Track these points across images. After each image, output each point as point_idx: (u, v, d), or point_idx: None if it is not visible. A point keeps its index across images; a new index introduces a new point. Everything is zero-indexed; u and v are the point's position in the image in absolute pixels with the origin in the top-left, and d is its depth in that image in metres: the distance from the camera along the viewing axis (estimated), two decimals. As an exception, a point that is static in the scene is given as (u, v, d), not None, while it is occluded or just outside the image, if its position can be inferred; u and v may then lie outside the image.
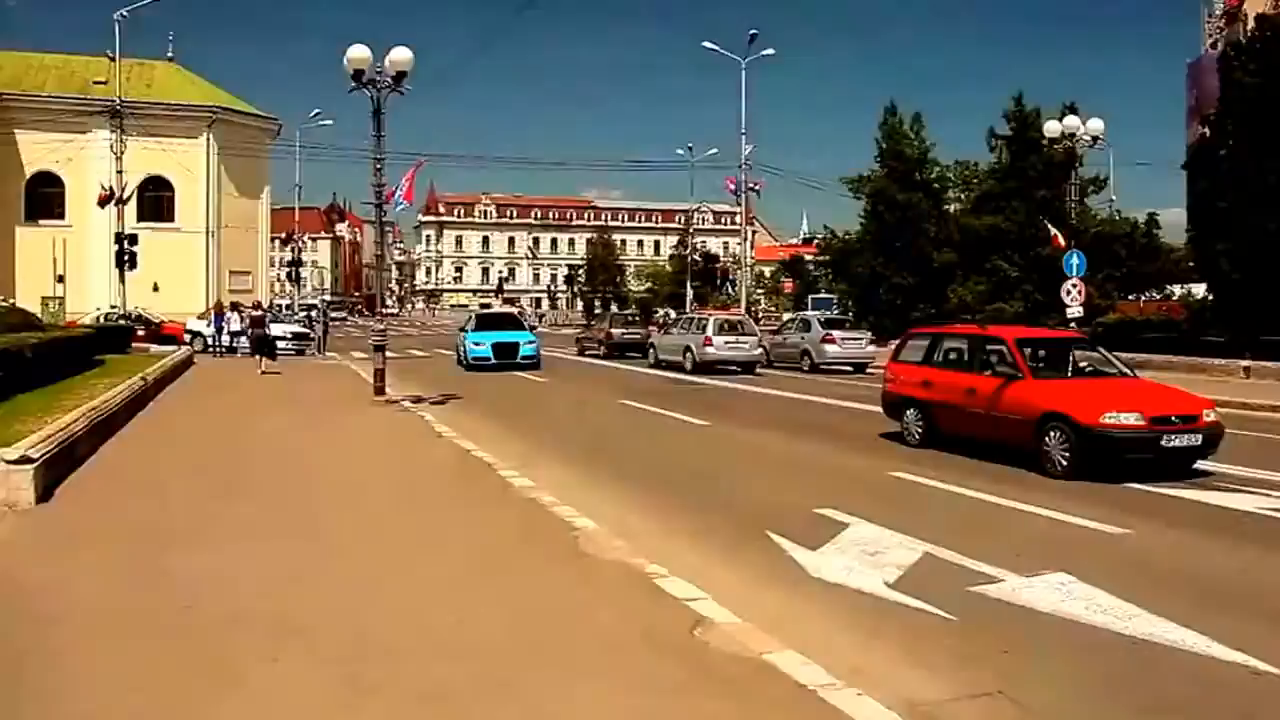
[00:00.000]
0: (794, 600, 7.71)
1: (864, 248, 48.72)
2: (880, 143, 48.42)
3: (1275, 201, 29.96)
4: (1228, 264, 31.53)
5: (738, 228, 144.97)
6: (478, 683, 5.74)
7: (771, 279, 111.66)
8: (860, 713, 5.27)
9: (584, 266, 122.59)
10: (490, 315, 40.43)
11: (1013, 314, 39.52)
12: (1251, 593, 8.02)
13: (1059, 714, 5.68)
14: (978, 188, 47.41)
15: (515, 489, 11.58)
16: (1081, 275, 28.09)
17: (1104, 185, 44.75)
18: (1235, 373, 27.91)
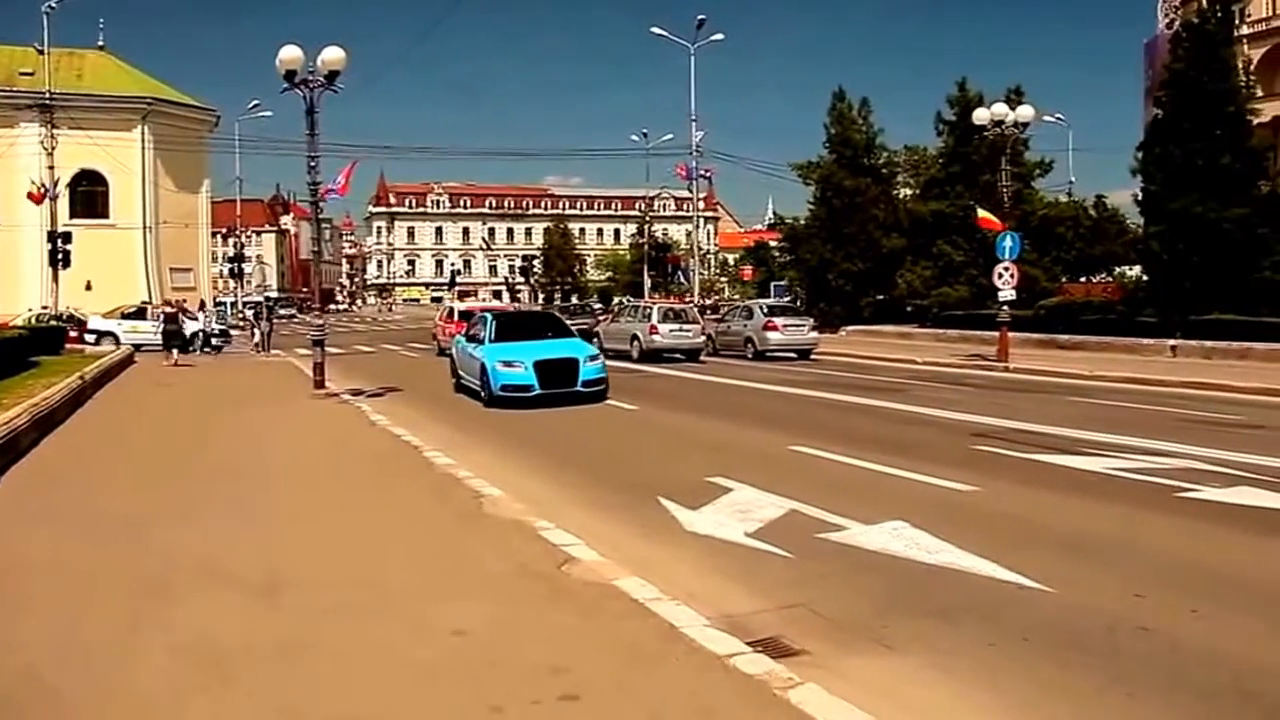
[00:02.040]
0: (660, 547, 9.38)
1: (814, 234, 50.51)
2: (829, 128, 50.25)
3: (1201, 185, 32.03)
4: (1158, 245, 33.59)
5: (700, 214, 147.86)
6: (373, 602, 7.38)
7: (736, 266, 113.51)
8: (676, 618, 6.90)
9: (540, 256, 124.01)
10: (518, 318, 27.09)
11: (958, 298, 41.46)
12: (1058, 533, 9.72)
13: (844, 616, 7.33)
14: (926, 173, 49.36)
15: (437, 467, 13.22)
16: (1015, 258, 29.91)
17: (1050, 168, 46.76)
18: (1163, 352, 29.96)
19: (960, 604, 7.59)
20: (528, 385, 20.28)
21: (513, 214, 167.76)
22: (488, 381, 20.63)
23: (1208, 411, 18.49)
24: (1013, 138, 32.49)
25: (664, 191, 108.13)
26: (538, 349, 21.18)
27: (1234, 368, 25.99)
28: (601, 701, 5.59)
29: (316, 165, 23.64)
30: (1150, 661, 6.36)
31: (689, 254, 73.13)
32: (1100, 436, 15.20)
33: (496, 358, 20.74)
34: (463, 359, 23.29)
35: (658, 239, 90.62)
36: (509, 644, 6.50)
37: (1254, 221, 32.22)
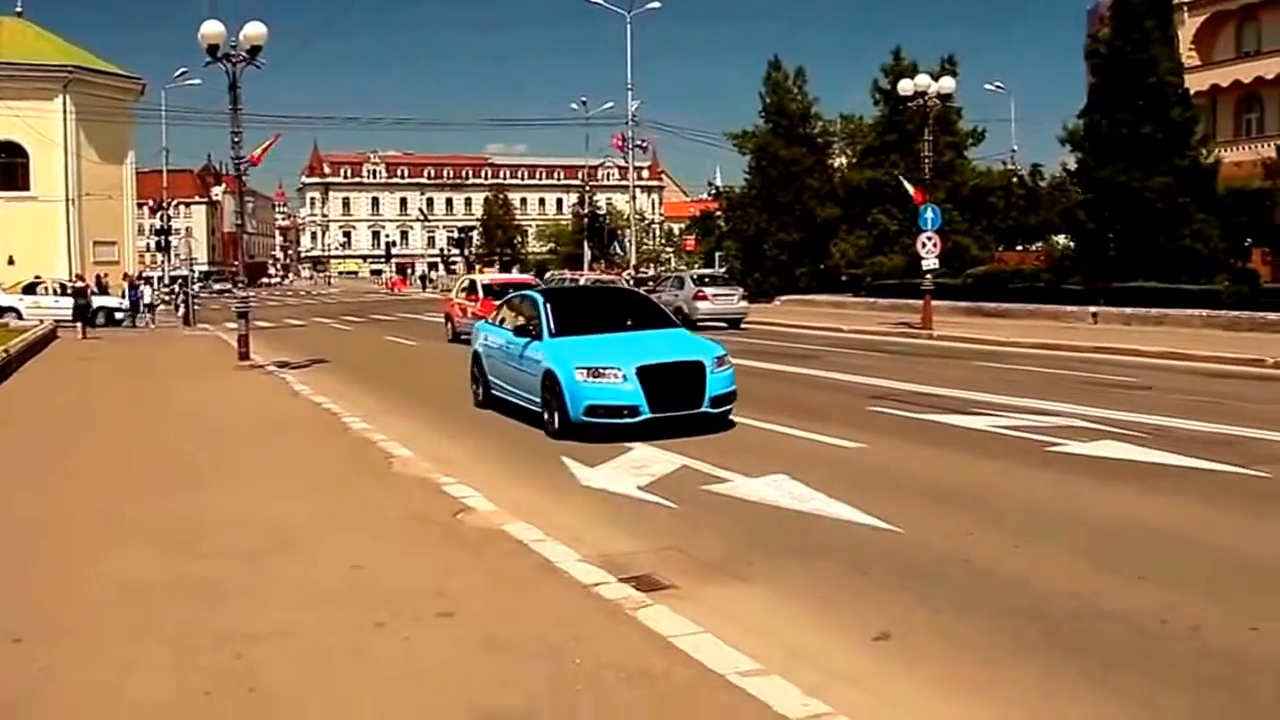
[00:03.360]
0: (554, 499, 10.38)
1: (749, 203, 51.57)
2: (764, 98, 51.27)
3: (1126, 155, 33.36)
4: (1085, 214, 34.97)
5: (645, 183, 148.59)
6: (282, 546, 8.33)
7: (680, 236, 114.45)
8: (555, 555, 7.87)
9: (479, 227, 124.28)
10: (584, 297, 22.44)
11: (892, 267, 42.68)
12: (926, 484, 10.80)
13: (711, 556, 8.33)
14: (863, 141, 50.54)
15: (354, 431, 14.19)
16: (937, 229, 31.13)
17: (983, 137, 48.13)
18: (1085, 319, 31.30)
19: (817, 544, 8.61)
20: (630, 406, 13.37)
21: (452, 184, 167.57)
22: (561, 400, 13.65)
23: (1108, 374, 19.67)
24: (935, 109, 33.60)
25: (607, 161, 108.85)
26: (634, 347, 14.28)
27: (1150, 333, 27.28)
28: (473, 616, 6.58)
29: (240, 140, 24.40)
30: (963, 586, 7.40)
31: (627, 224, 74.02)
32: (995, 398, 16.34)
33: (575, 361, 13.68)
34: (502, 361, 15.99)
35: (598, 209, 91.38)
36: (399, 576, 7.48)
37: (1176, 191, 33.53)
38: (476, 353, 17.23)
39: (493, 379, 16.48)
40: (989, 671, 5.97)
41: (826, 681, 5.54)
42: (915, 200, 32.65)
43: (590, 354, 13.87)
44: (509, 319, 16.52)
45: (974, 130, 47.51)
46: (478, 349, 17.21)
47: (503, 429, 14.98)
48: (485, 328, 17.38)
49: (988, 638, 6.48)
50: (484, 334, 17.20)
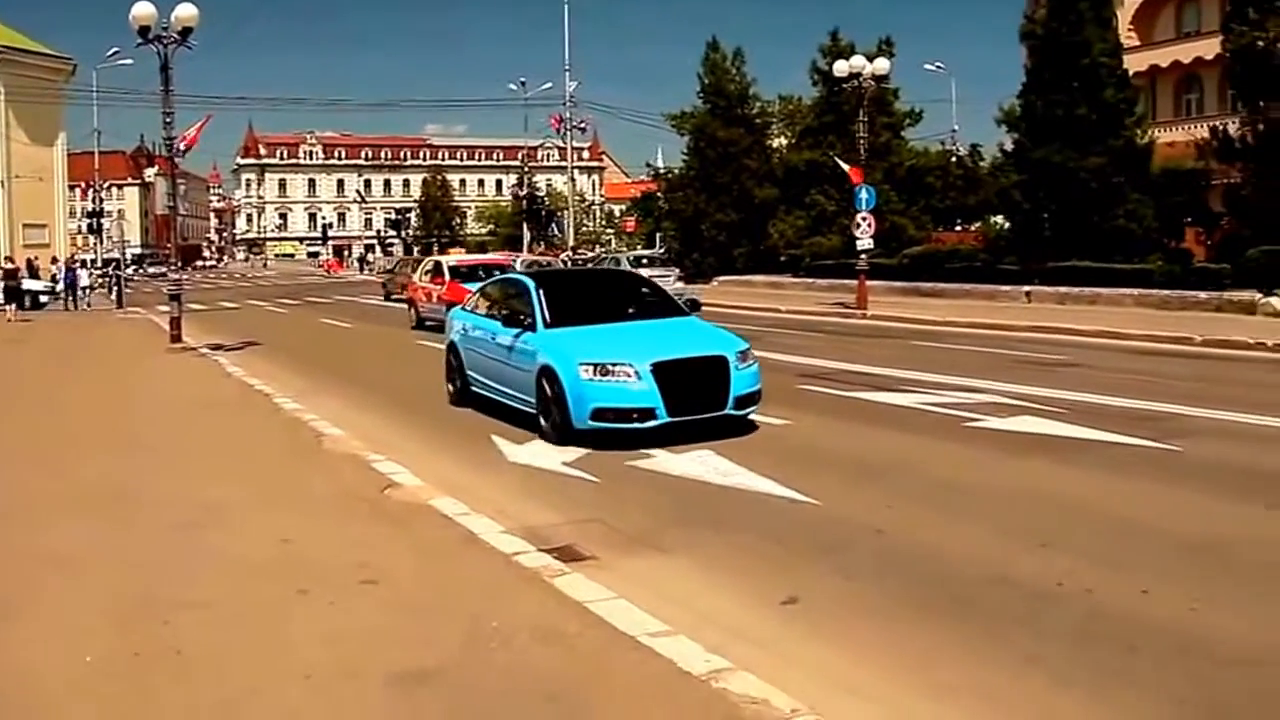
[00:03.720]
0: (481, 475, 10.67)
1: (688, 184, 51.88)
2: (703, 78, 51.52)
3: (1061, 136, 33.95)
4: (1020, 195, 35.55)
5: (585, 164, 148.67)
6: (213, 521, 8.56)
7: (621, 218, 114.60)
8: (477, 527, 8.14)
9: (416, 209, 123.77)
10: (579, 280, 18.82)
11: (830, 247, 43.11)
12: (848, 458, 11.18)
13: (632, 528, 8.63)
14: (801, 122, 50.97)
15: (285, 411, 14.38)
16: (871, 209, 31.57)
17: (920, 118, 48.67)
18: (1020, 298, 31.89)
19: (737, 517, 8.93)
20: (645, 409, 11.66)
21: (390, 165, 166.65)
22: (562, 402, 11.88)
23: (1038, 353, 20.12)
24: (870, 90, 34.02)
25: (547, 142, 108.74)
26: (645, 339, 12.57)
27: (1082, 312, 27.81)
28: (395, 584, 6.85)
29: (172, 121, 24.37)
30: (874, 555, 7.76)
31: (566, 206, 74.19)
32: (923, 376, 16.73)
33: (578, 357, 11.93)
34: (485, 354, 14.29)
35: (537, 191, 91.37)
36: (325, 549, 7.73)
37: (1110, 171, 34.12)
38: (452, 344, 15.47)
39: (472, 374, 14.73)
40: (889, 632, 6.31)
41: (731, 642, 5.84)
42: (851, 180, 33.06)
43: (595, 348, 12.07)
44: (491, 306, 14.65)
45: (911, 111, 48.09)
46: (454, 340, 15.44)
47: (435, 408, 15.17)
48: (463, 316, 15.58)
49: (892, 602, 6.82)
50: (461, 323, 15.43)
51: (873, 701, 5.26)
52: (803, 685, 5.23)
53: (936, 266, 37.44)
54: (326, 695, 5.21)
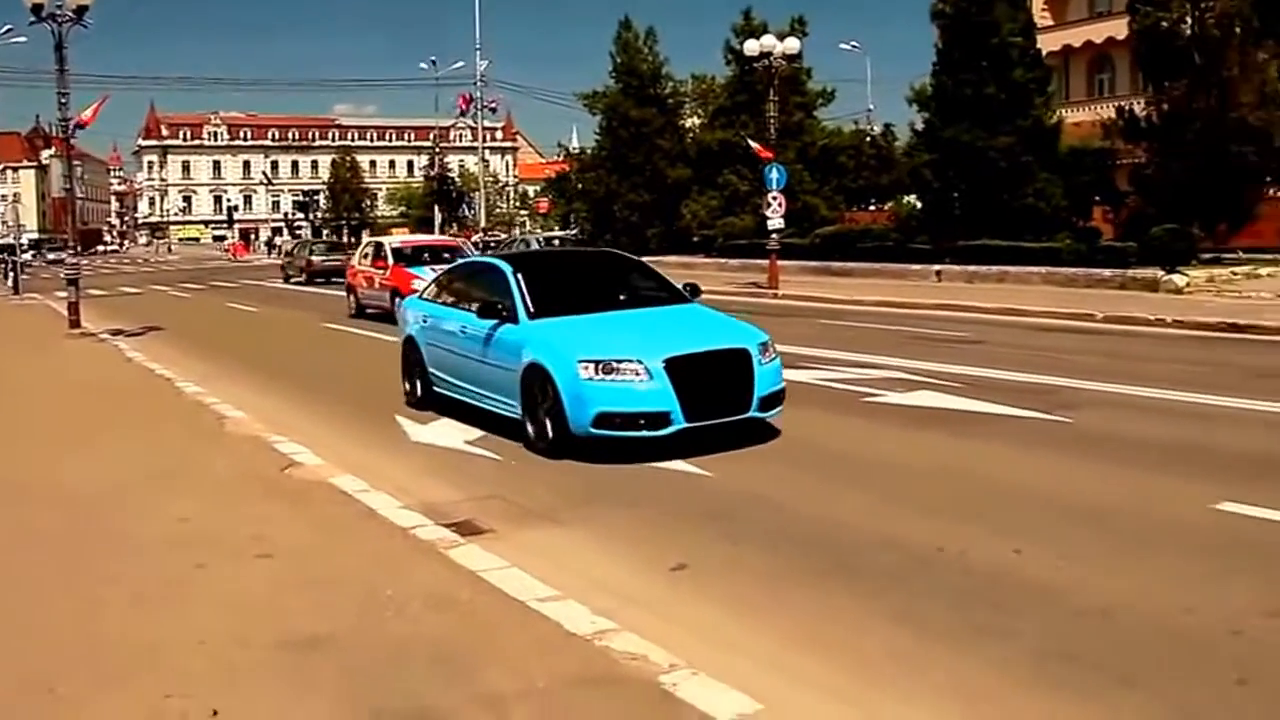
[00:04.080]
0: (383, 454, 10.90)
1: (600, 165, 52.12)
2: (615, 57, 51.74)
3: (970, 115, 34.68)
4: (931, 174, 36.27)
5: (498, 145, 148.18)
6: (112, 501, 8.76)
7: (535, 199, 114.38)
8: (376, 504, 8.38)
9: (325, 190, 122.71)
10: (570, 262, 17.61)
11: (743, 227, 43.57)
12: (746, 433, 11.50)
13: (533, 503, 8.90)
14: (714, 102, 51.35)
15: (187, 396, 14.47)
16: (782, 188, 32.03)
17: (833, 97, 49.31)
18: (930, 277, 32.55)
19: (635, 491, 9.24)
20: (658, 413, 10.16)
21: (298, 146, 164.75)
22: (557, 406, 10.40)
23: (943, 330, 20.67)
24: (782, 70, 34.50)
25: (459, 122, 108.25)
26: (651, 330, 11.18)
27: (990, 290, 28.50)
28: (290, 558, 7.09)
29: (67, 101, 24.16)
30: (765, 524, 8.11)
31: (477, 186, 74.04)
32: (827, 353, 17.16)
33: (576, 352, 10.45)
34: (454, 350, 12.68)
35: (449, 171, 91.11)
36: (223, 525, 7.94)
37: (1019, 150, 34.90)
38: (410, 339, 13.84)
39: (436, 372, 13.11)
40: (773, 595, 6.66)
41: (620, 605, 6.14)
42: (761, 158, 33.49)
43: (594, 341, 10.59)
44: (458, 295, 13.22)
45: (825, 90, 48.70)
46: (412, 334, 13.85)
47: (339, 391, 15.36)
48: (422, 306, 13.99)
49: (779, 567, 7.17)
50: (420, 314, 13.83)
51: (748, 656, 5.57)
52: (684, 642, 5.53)
53: (848, 246, 38.00)
54: (219, 660, 5.44)
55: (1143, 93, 35.72)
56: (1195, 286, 26.45)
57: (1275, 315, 20.51)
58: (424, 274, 22.63)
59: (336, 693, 5.04)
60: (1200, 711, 4.93)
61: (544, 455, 10.45)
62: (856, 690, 5.25)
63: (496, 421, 11.46)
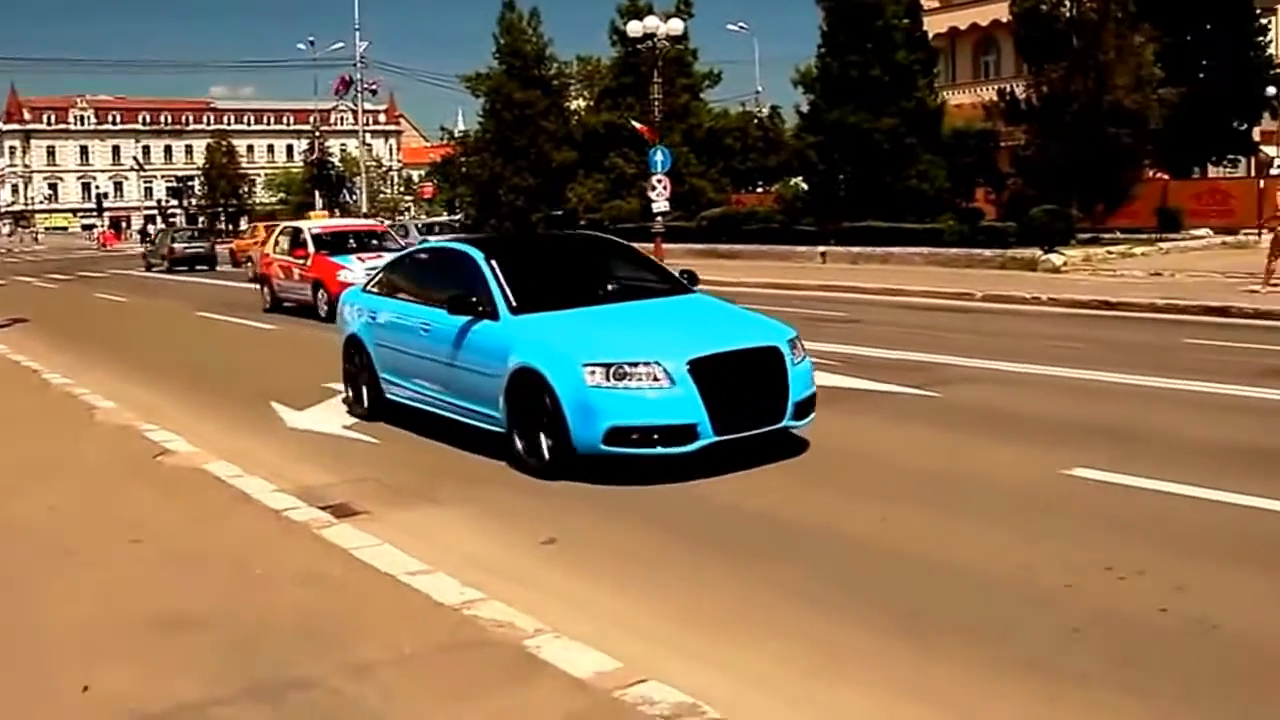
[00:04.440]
0: (258, 440, 11.04)
1: (484, 148, 52.17)
2: (498, 39, 51.75)
3: (855, 97, 35.43)
4: (816, 156, 36.99)
5: (381, 128, 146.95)
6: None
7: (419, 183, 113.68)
8: (250, 488, 8.54)
9: (200, 176, 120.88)
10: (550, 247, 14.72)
11: (629, 210, 43.99)
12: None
13: (407, 485, 9.15)
14: (600, 84, 51.67)
15: (55, 387, 14.37)
16: (667, 170, 32.50)
17: (719, 79, 49.88)
18: (815, 258, 33.24)
19: (509, 470, 9.51)
20: (683, 426, 8.78)
21: (171, 130, 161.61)
22: (558, 419, 8.96)
23: (825, 310, 21.18)
24: (666, 51, 34.96)
25: (339, 104, 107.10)
26: (661, 326, 9.98)
27: (874, 271, 29.23)
28: (161, 542, 7.25)
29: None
30: (634, 499, 8.45)
31: (359, 171, 73.58)
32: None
33: (581, 354, 9.01)
34: (415, 351, 11.07)
35: (330, 156, 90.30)
36: (93, 513, 8.07)
37: (902, 132, 35.74)
38: (354, 339, 12.24)
39: (390, 378, 11.57)
40: (639, 565, 7.03)
41: (489, 578, 6.41)
42: (647, 140, 33.90)
43: (599, 340, 9.21)
44: (414, 287, 11.70)
45: (711, 72, 49.25)
46: (356, 333, 12.22)
47: (213, 379, 15.42)
48: (367, 300, 12.36)
49: (646, 540, 7.54)
50: (364, 310, 12.27)
51: (610, 621, 5.89)
52: (550, 610, 5.82)
53: (735, 228, 38.61)
54: (89, 640, 5.62)
55: (1024, 75, 36.78)
56: (1072, 266, 27.43)
57: (1144, 293, 21.42)
58: (350, 263, 22.20)
59: (207, 667, 5.23)
60: (1038, 658, 5.34)
61: (536, 476, 9.14)
62: (713, 648, 5.62)
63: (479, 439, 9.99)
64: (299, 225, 28.36)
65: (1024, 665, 5.29)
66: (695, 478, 8.72)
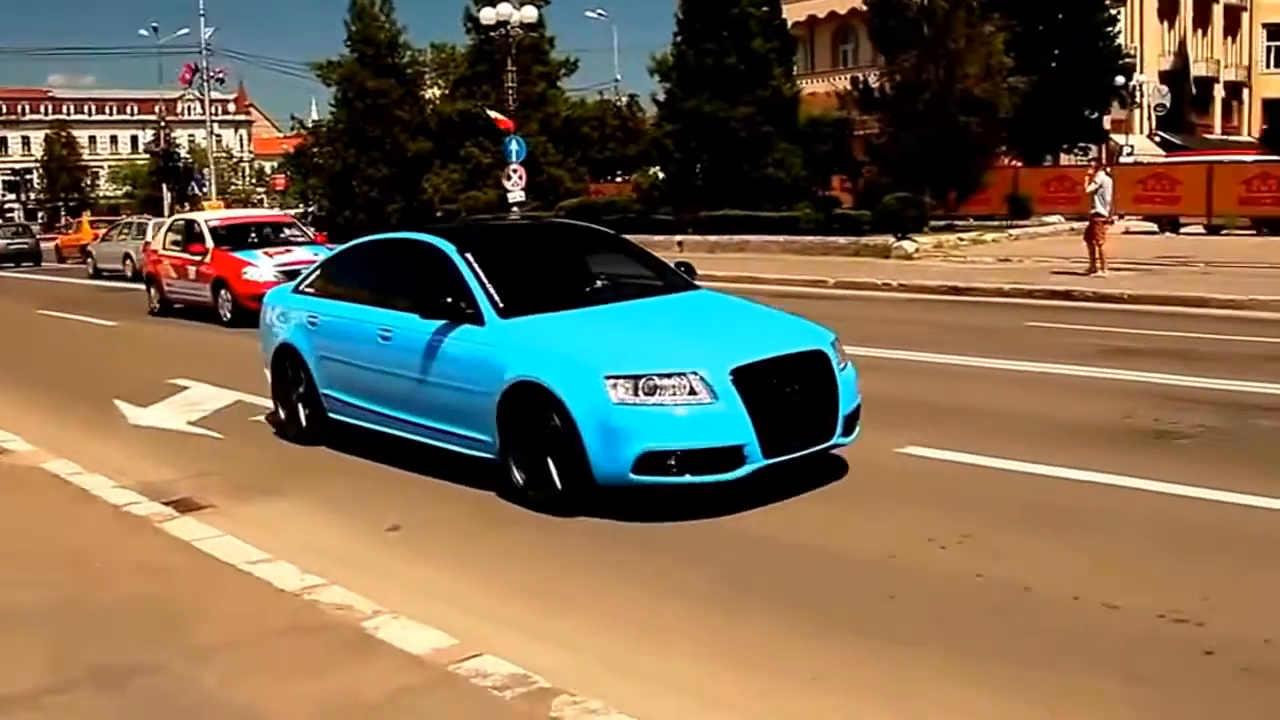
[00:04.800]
0: (100, 438, 11.05)
1: (336, 138, 51.72)
2: (349, 26, 51.20)
3: (711, 85, 36.01)
4: (673, 144, 37.51)
5: (230, 118, 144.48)
6: None
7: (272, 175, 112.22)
8: (92, 485, 8.60)
9: (38, 169, 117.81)
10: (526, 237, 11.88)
11: (486, 201, 44.03)
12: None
13: (250, 478, 9.27)
14: (455, 72, 51.51)
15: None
16: (522, 160, 32.72)
17: (575, 67, 50.09)
18: (671, 247, 33.62)
19: (354, 462, 9.68)
20: (729, 449, 7.51)
21: (6, 120, 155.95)
22: (573, 444, 7.58)
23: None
24: (520, 39, 35.17)
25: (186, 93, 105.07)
26: (688, 328, 8.81)
27: (731, 259, 29.71)
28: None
29: None
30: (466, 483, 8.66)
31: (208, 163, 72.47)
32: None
33: (601, 365, 7.66)
34: (366, 366, 9.63)
35: (176, 147, 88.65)
36: (-75, 513, 8.07)
37: (759, 120, 36.41)
38: (287, 348, 10.58)
39: (335, 394, 10.02)
40: (474, 547, 7.39)
41: (331, 565, 6.62)
42: (502, 128, 34.08)
43: (617, 347, 7.96)
44: (365, 287, 10.07)
45: (567, 60, 49.38)
46: (288, 342, 10.55)
47: (54, 377, 15.29)
48: (303, 303, 10.66)
49: (485, 523, 7.83)
50: (298, 313, 10.59)
51: (449, 602, 6.16)
52: (390, 593, 6.06)
53: (593, 218, 38.58)
54: (-76, 635, 5.72)
55: (880, 64, 37.71)
56: (924, 252, 28.28)
57: (993, 278, 22.27)
58: (256, 259, 20.78)
59: (47, 657, 5.35)
60: (857, 623, 5.74)
61: (542, 511, 7.81)
62: (545, 623, 5.96)
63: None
64: (193, 217, 26.01)
65: (838, 627, 5.71)
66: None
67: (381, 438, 9.58)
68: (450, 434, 8.72)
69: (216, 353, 16.96)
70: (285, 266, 19.47)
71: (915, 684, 5.07)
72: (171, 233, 24.36)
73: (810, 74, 55.65)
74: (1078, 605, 5.85)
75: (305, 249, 21.52)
